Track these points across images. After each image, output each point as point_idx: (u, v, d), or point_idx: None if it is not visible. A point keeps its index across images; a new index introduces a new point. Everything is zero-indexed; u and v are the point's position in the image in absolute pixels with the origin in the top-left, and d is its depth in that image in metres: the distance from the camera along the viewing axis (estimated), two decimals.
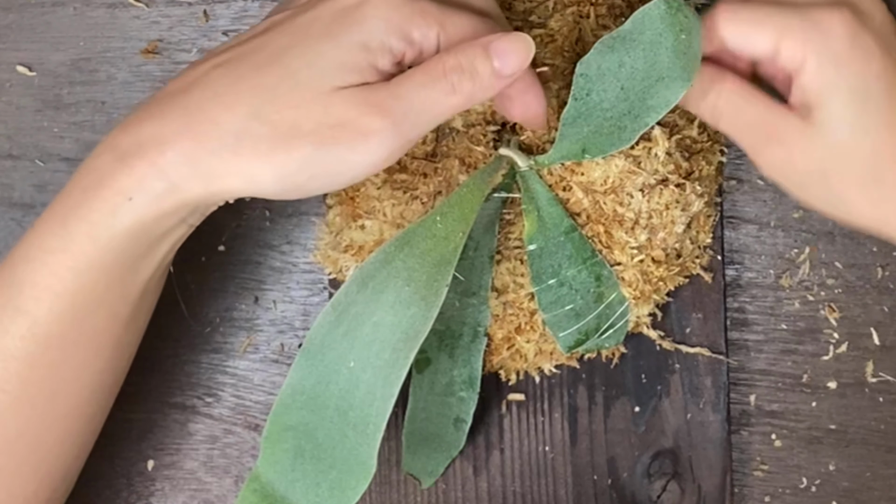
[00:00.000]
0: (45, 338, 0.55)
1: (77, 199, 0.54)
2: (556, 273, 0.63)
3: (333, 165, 0.53)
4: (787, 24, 0.57)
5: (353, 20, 0.54)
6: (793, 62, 0.57)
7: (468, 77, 0.54)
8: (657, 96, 0.58)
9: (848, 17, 0.56)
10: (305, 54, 0.53)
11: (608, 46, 0.58)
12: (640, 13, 0.58)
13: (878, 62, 0.57)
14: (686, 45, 0.58)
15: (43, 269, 0.54)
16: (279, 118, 0.53)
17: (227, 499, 0.68)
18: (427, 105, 0.53)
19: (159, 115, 0.54)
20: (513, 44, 0.54)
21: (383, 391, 0.56)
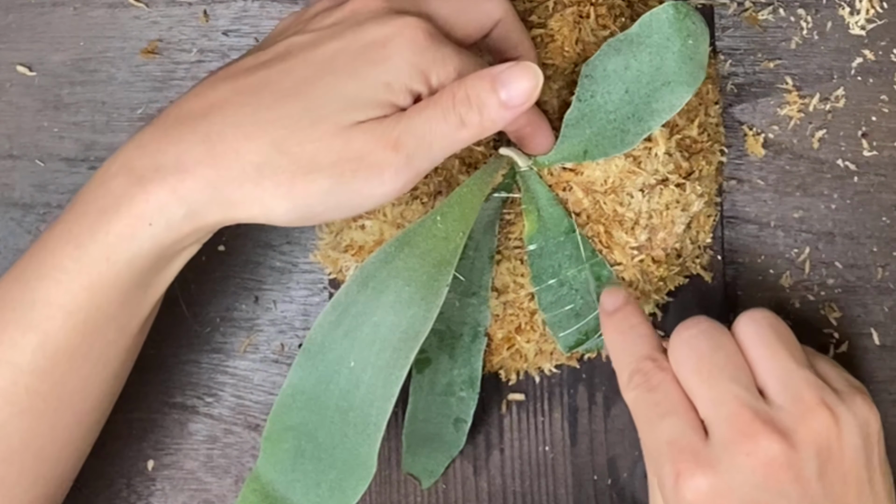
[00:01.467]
0: (54, 353, 0.55)
1: (93, 220, 0.54)
2: (557, 273, 0.63)
3: (349, 198, 0.54)
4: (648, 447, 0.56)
5: (377, 58, 0.54)
6: None
7: (476, 110, 0.54)
8: (662, 101, 0.58)
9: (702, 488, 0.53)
10: (328, 88, 0.54)
11: (614, 49, 0.58)
12: (648, 17, 0.58)
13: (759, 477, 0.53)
14: (693, 51, 0.58)
15: (57, 288, 0.54)
16: (300, 151, 0.53)
17: (227, 499, 0.68)
18: (438, 138, 0.54)
19: (178, 140, 0.54)
20: (519, 74, 0.54)
21: (383, 391, 0.56)
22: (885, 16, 0.68)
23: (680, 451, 0.54)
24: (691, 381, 0.55)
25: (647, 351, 0.57)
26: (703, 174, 0.65)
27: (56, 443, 0.57)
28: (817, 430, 0.54)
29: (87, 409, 0.58)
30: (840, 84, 0.68)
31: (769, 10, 0.68)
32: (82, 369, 0.56)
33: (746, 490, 0.53)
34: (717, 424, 0.54)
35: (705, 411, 0.55)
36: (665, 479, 0.54)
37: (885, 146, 0.68)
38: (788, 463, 0.53)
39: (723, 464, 0.53)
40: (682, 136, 0.64)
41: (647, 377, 0.56)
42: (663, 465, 0.54)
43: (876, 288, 0.68)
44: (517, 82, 0.54)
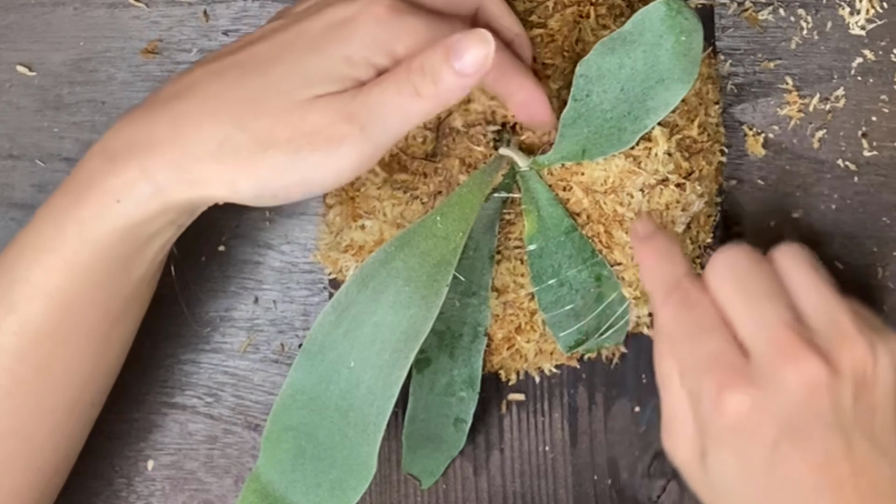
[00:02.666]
0: (35, 334, 0.56)
1: (70, 200, 0.55)
2: (557, 273, 0.63)
3: (307, 173, 0.54)
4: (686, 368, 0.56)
5: (339, 35, 0.55)
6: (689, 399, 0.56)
7: (430, 80, 0.53)
8: (657, 98, 0.59)
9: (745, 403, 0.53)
10: (289, 65, 0.54)
11: (608, 48, 0.58)
12: (641, 14, 0.58)
13: (762, 451, 0.53)
14: (686, 47, 0.58)
15: (35, 268, 0.55)
16: (258, 126, 0.53)
17: (227, 499, 0.68)
18: (394, 110, 0.54)
19: (150, 120, 0.55)
20: (471, 42, 0.53)
21: (383, 391, 0.56)
22: (885, 16, 0.68)
23: (722, 366, 0.54)
24: (732, 302, 0.55)
25: (685, 271, 0.57)
26: (703, 174, 0.65)
27: (44, 429, 0.58)
28: (855, 358, 0.54)
29: (74, 395, 0.58)
30: (840, 84, 0.68)
31: (769, 10, 0.68)
32: (65, 353, 0.57)
33: (786, 408, 0.53)
34: (759, 344, 0.54)
35: (746, 331, 0.55)
36: (704, 393, 0.54)
37: (885, 146, 0.68)
38: (828, 386, 0.53)
39: (765, 381, 0.53)
40: (682, 136, 0.64)
41: (686, 294, 0.56)
42: (703, 380, 0.54)
43: (876, 288, 0.67)
44: (470, 50, 0.53)
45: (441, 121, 0.64)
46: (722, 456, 0.54)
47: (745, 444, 0.54)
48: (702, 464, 0.56)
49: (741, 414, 0.53)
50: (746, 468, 0.54)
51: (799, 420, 0.53)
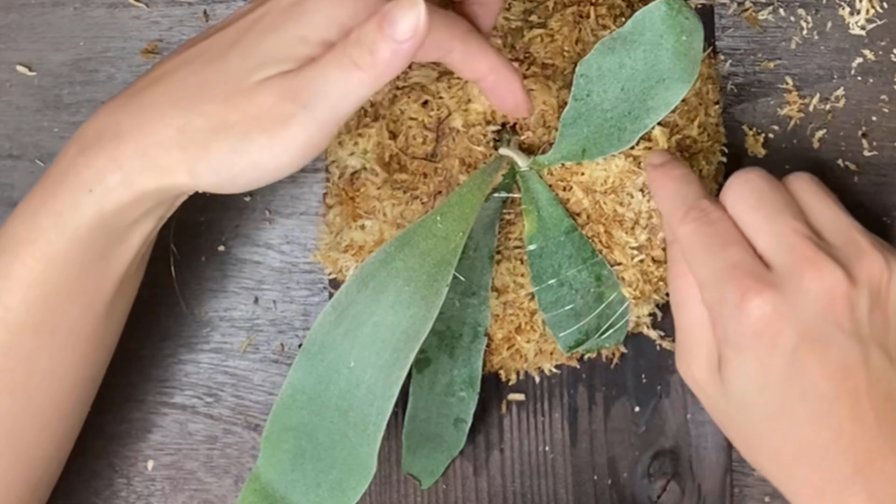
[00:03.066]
0: (17, 328, 0.56)
1: (45, 192, 0.55)
2: (557, 273, 0.63)
3: (258, 156, 0.54)
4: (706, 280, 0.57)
5: (295, 14, 0.54)
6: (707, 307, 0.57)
7: (367, 50, 0.53)
8: (657, 97, 0.59)
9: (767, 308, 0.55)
10: (246, 48, 0.55)
11: (608, 47, 0.58)
12: (641, 14, 0.58)
13: (785, 359, 0.55)
14: (687, 47, 0.58)
15: (14, 260, 0.55)
16: (212, 111, 0.54)
17: (227, 499, 0.68)
18: (335, 85, 0.53)
19: (120, 111, 0.55)
20: (402, 8, 0.53)
21: (383, 391, 0.56)
22: (885, 16, 0.68)
23: (746, 273, 0.55)
24: (751, 218, 0.57)
25: (702, 192, 0.59)
26: (703, 174, 0.65)
27: (33, 426, 0.57)
28: (872, 271, 0.56)
29: (61, 392, 0.58)
30: (840, 84, 0.68)
31: (769, 10, 0.68)
32: (50, 348, 0.56)
33: (808, 315, 0.55)
34: (780, 255, 0.56)
35: (766, 244, 0.57)
36: (727, 301, 0.55)
37: (885, 146, 0.68)
38: (847, 295, 0.55)
39: (788, 287, 0.55)
40: (682, 136, 0.64)
41: (705, 212, 0.58)
42: (726, 289, 0.55)
43: None
44: (401, 17, 0.53)
45: (441, 121, 0.64)
46: (742, 364, 0.56)
47: (766, 350, 0.55)
48: (719, 378, 0.57)
49: (764, 319, 0.55)
50: (766, 375, 0.55)
51: (819, 327, 0.55)
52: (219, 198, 0.67)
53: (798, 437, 0.55)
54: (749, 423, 0.57)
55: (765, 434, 0.57)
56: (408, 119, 0.64)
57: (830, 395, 0.55)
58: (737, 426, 0.58)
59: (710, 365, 0.58)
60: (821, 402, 0.55)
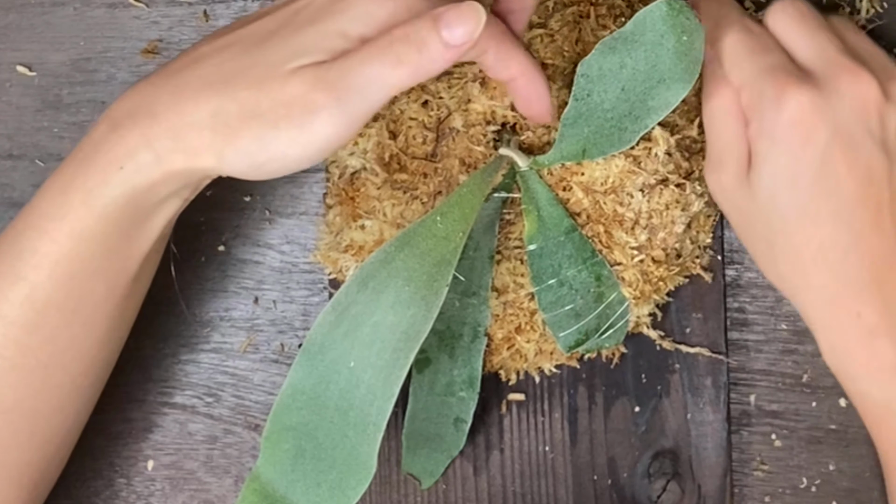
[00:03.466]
0: (43, 305, 0.56)
1: (75, 168, 0.56)
2: (556, 273, 0.63)
3: (285, 146, 0.54)
4: (747, 79, 0.59)
5: (337, 9, 0.55)
6: (748, 111, 0.59)
7: (415, 48, 0.53)
8: (658, 98, 0.58)
9: (805, 101, 0.58)
10: (285, 38, 0.55)
11: (609, 47, 0.58)
12: (642, 14, 0.58)
13: (818, 154, 0.58)
14: (687, 47, 0.58)
15: (43, 237, 0.55)
16: (245, 97, 0.54)
17: (227, 499, 0.68)
18: (372, 78, 0.53)
19: (154, 91, 0.56)
20: (462, 13, 0.53)
21: (383, 391, 0.56)
22: (885, 16, 0.68)
23: (787, 72, 0.58)
24: (792, 32, 0.60)
25: (744, 12, 0.62)
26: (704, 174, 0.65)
27: (49, 404, 0.58)
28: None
29: (79, 371, 0.58)
30: None
31: None
32: (72, 326, 0.57)
33: (842, 115, 0.58)
34: (819, 63, 0.59)
35: (806, 55, 0.60)
36: (766, 96, 0.58)
37: None
38: (879, 106, 0.58)
39: (825, 87, 0.58)
40: (682, 136, 0.64)
41: (745, 25, 0.61)
42: (766, 85, 0.58)
43: None
44: (460, 21, 0.53)
45: (441, 121, 0.64)
46: (775, 156, 0.58)
47: (799, 142, 0.57)
48: (747, 182, 0.59)
49: (800, 110, 0.57)
50: (797, 168, 0.57)
51: (851, 129, 0.57)
52: (219, 198, 0.67)
53: (819, 236, 0.57)
54: (773, 224, 0.59)
55: (788, 233, 0.58)
56: (408, 119, 0.64)
57: (854, 198, 0.57)
58: (760, 229, 0.60)
59: (739, 170, 0.60)
60: (845, 202, 0.57)
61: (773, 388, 0.67)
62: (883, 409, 0.59)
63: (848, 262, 0.57)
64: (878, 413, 0.59)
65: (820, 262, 0.58)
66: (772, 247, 0.59)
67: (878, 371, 0.58)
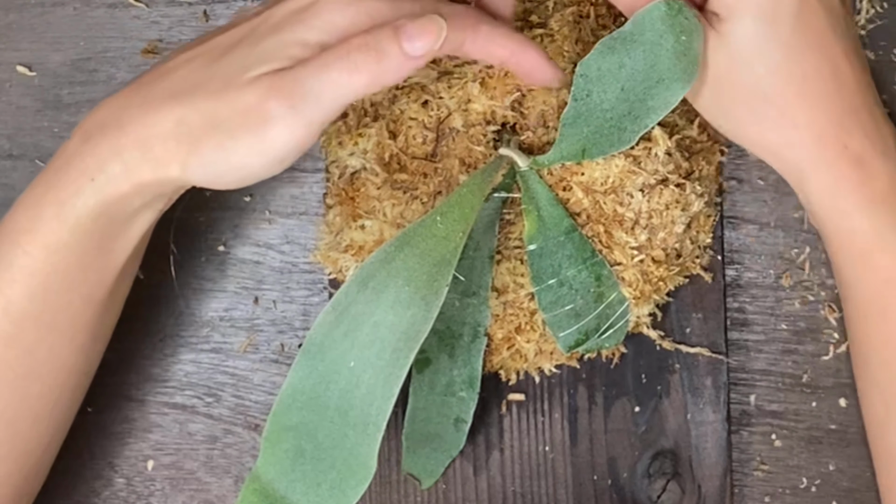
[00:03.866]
0: (20, 318, 0.56)
1: (48, 181, 0.56)
2: (556, 273, 0.63)
3: (244, 155, 0.54)
4: None
5: (299, 19, 0.55)
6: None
7: (374, 57, 0.53)
8: (657, 98, 0.58)
9: None
10: (247, 48, 0.55)
11: (608, 47, 0.58)
12: (641, 14, 0.58)
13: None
14: (686, 47, 0.58)
15: (16, 250, 0.56)
16: (206, 107, 0.54)
17: (227, 499, 0.68)
18: (328, 85, 0.53)
19: (124, 103, 0.56)
20: (423, 26, 0.54)
21: (383, 391, 0.56)
22: (885, 16, 0.68)
23: None
24: None
25: None
26: (703, 174, 0.65)
27: (28, 416, 0.58)
28: None
29: (57, 382, 0.58)
30: None
31: None
32: (49, 338, 0.57)
33: None
34: None
35: None
36: None
37: None
38: None
39: None
40: (682, 136, 0.64)
41: None
42: None
43: None
44: (421, 35, 0.53)
45: (441, 121, 0.64)
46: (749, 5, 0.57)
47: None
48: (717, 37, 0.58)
49: None
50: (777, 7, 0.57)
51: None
52: (219, 198, 0.67)
53: (803, 69, 0.57)
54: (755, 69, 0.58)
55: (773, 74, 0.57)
56: (408, 119, 0.64)
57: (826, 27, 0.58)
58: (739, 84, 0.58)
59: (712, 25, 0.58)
60: (821, 33, 0.58)
61: (773, 388, 0.67)
62: (873, 243, 0.58)
63: (829, 93, 0.58)
64: (867, 249, 0.59)
65: (806, 96, 0.58)
66: (754, 99, 0.58)
67: (869, 200, 0.58)
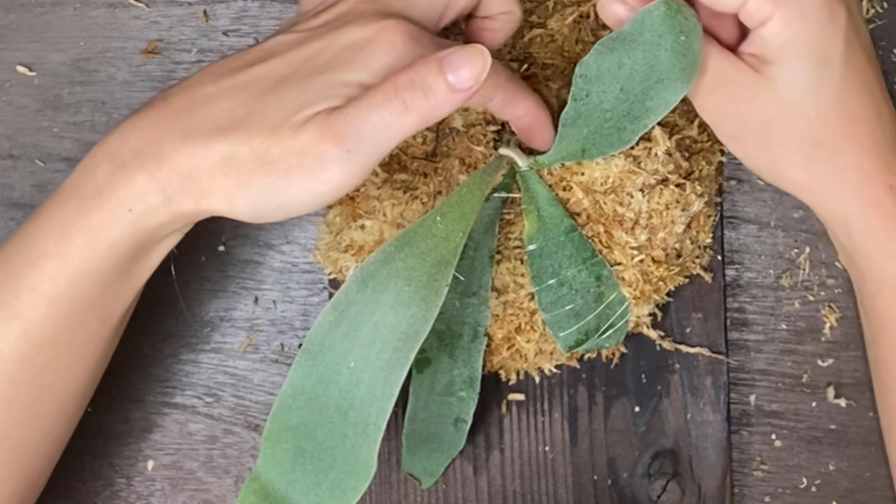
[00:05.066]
0: (38, 341, 0.56)
1: (77, 208, 0.55)
2: (556, 273, 0.63)
3: (296, 193, 0.54)
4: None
5: (354, 59, 0.54)
6: (759, 13, 0.57)
7: (421, 94, 0.53)
8: (656, 98, 0.58)
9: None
10: (298, 85, 0.54)
11: (608, 47, 0.58)
12: (641, 14, 0.58)
13: (843, 31, 0.57)
14: (685, 47, 0.58)
15: (41, 275, 0.55)
16: (258, 144, 0.54)
17: (227, 499, 0.68)
18: (380, 127, 0.53)
19: (160, 130, 0.55)
20: (467, 57, 0.53)
21: (383, 391, 0.56)
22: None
23: None
24: None
25: None
26: (703, 174, 0.65)
27: (36, 432, 0.58)
28: None
29: (67, 398, 0.58)
30: None
31: None
32: (64, 358, 0.57)
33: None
34: None
35: None
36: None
37: None
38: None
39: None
40: (682, 136, 0.64)
41: None
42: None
43: None
44: (465, 66, 0.53)
45: (441, 121, 0.64)
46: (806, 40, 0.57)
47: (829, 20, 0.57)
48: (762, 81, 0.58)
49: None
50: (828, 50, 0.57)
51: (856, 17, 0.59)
52: None
53: (853, 111, 0.58)
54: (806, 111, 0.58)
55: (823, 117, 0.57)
56: None
57: (868, 68, 0.58)
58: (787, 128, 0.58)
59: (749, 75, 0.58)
60: (866, 74, 0.58)
61: (773, 388, 0.68)
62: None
63: (874, 134, 0.58)
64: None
65: (854, 138, 0.58)
66: (803, 142, 0.58)
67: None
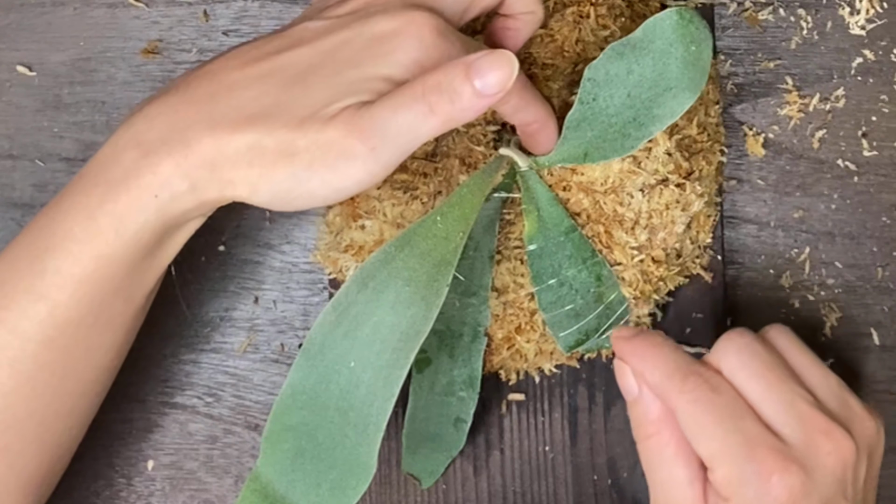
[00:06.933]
0: (63, 322, 0.56)
1: (103, 192, 0.55)
2: (557, 273, 0.63)
3: (318, 185, 0.54)
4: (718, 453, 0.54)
5: (382, 52, 0.54)
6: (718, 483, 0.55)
7: (447, 98, 0.53)
8: (664, 106, 0.58)
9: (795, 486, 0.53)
10: (326, 78, 0.54)
11: (618, 52, 0.58)
12: (652, 22, 0.58)
13: None
14: (695, 57, 0.58)
15: (68, 258, 0.56)
16: (283, 135, 0.54)
17: (227, 499, 0.68)
18: (405, 128, 0.53)
19: (186, 117, 0.55)
20: (495, 62, 0.53)
21: (383, 391, 0.56)
22: (885, 16, 0.68)
23: (768, 449, 0.54)
24: (755, 385, 0.55)
25: (690, 358, 0.57)
26: (703, 174, 0.65)
27: (59, 413, 0.58)
28: (868, 433, 0.56)
29: (90, 379, 0.59)
30: (840, 84, 0.68)
31: (769, 10, 0.68)
32: (88, 339, 0.57)
33: (826, 487, 0.54)
34: (791, 426, 0.55)
35: (774, 414, 0.55)
36: (749, 479, 0.54)
37: (885, 146, 0.68)
38: (855, 465, 0.55)
39: (808, 462, 0.54)
40: (682, 136, 0.64)
41: (705, 379, 0.56)
42: (747, 467, 0.54)
43: (876, 288, 0.68)
44: (492, 70, 0.53)
45: None
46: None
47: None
48: None
49: (792, 498, 0.53)
50: None
51: (833, 496, 0.54)
52: None
53: None
54: None
55: None
56: None
57: None
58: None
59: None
60: None
61: None
62: None
63: None
64: None
65: None
66: None
67: None
